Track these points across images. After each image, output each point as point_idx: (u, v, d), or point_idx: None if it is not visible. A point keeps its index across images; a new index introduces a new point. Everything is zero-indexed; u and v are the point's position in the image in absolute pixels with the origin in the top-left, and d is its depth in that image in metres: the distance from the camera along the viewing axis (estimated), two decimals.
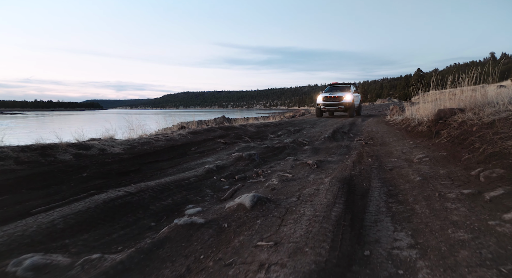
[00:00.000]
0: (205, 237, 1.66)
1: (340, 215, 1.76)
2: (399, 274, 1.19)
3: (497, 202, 1.76)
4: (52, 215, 2.00)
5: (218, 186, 3.09)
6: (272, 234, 1.59)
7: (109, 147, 4.74)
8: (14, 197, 2.65)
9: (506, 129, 2.93)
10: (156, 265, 1.41)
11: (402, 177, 2.75)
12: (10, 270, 1.29)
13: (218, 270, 1.28)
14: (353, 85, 15.55)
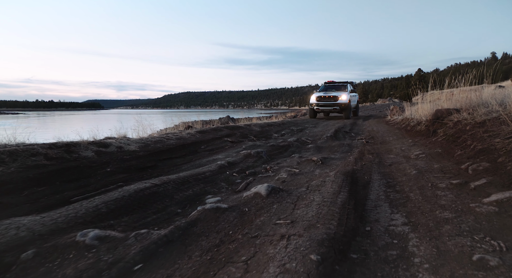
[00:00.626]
0: (230, 218, 1.97)
1: (345, 201, 2.06)
2: (394, 243, 1.49)
3: (480, 189, 2.05)
4: (94, 202, 2.30)
5: (231, 179, 3.37)
6: (288, 215, 1.89)
7: (126, 145, 5.05)
8: (51, 188, 2.95)
9: (495, 128, 3.22)
10: (193, 238, 1.71)
11: (400, 171, 3.05)
12: (79, 240, 1.59)
13: (247, 241, 1.58)
14: (350, 84, 14.13)
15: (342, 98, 12.01)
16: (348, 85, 13.62)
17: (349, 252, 1.39)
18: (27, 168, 3.39)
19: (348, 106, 11.99)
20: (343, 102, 11.96)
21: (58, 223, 1.89)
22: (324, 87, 13.97)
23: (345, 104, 11.95)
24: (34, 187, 2.94)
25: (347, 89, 13.13)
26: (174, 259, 1.49)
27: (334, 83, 14.20)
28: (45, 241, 1.67)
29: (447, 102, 6.35)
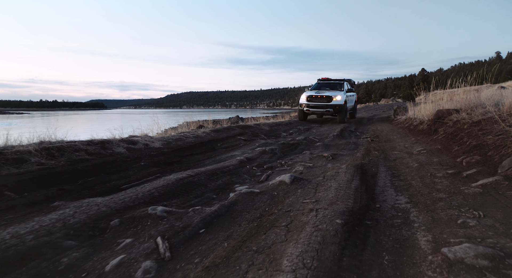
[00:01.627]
0: (264, 199, 2.41)
1: (357, 186, 2.50)
2: (399, 215, 1.93)
3: (470, 177, 2.49)
4: (146, 187, 2.76)
5: (252, 172, 3.81)
6: (312, 197, 2.33)
7: (150, 142, 5.52)
8: (99, 178, 3.41)
9: (488, 127, 3.64)
10: (237, 213, 2.15)
11: (403, 164, 3.48)
12: (151, 212, 2.05)
13: (283, 214, 2.02)
14: (347, 82, 12.48)
15: (337, 99, 10.40)
16: (345, 84, 11.94)
17: (364, 220, 1.83)
18: (74, 162, 3.86)
19: (343, 109, 10.41)
20: (337, 104, 10.34)
21: (126, 202, 2.35)
22: (317, 85, 12.20)
23: (340, 106, 10.34)
24: (85, 177, 3.40)
25: (343, 88, 11.46)
26: (227, 226, 1.93)
27: (329, 81, 12.42)
28: (123, 214, 2.12)
29: (448, 103, 6.75)
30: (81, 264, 1.57)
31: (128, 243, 1.73)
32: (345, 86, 11.80)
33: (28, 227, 1.86)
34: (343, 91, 11.09)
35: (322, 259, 1.32)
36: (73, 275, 1.48)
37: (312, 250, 1.40)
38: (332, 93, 10.69)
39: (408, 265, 1.32)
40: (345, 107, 10.64)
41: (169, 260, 1.54)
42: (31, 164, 3.54)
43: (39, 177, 3.20)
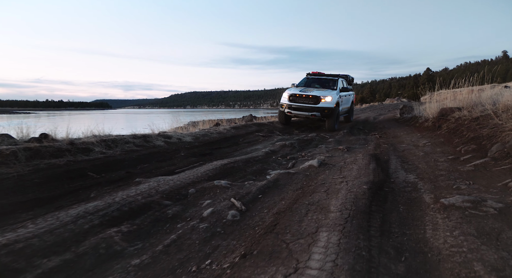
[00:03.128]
0: (300, 177, 3.05)
1: (374, 168, 3.12)
2: (409, 185, 2.56)
3: (466, 160, 3.10)
4: (200, 170, 3.41)
5: (278, 161, 4.44)
6: (339, 174, 2.96)
7: (182, 137, 6.19)
8: (152, 165, 4.06)
9: (485, 122, 4.24)
10: (282, 186, 2.79)
11: (410, 153, 4.09)
12: (217, 184, 2.70)
13: (319, 185, 2.65)
14: (343, 79, 10.18)
15: (326, 100, 8.20)
16: (340, 81, 9.64)
17: (383, 188, 2.46)
18: (127, 152, 4.54)
19: (333, 113, 8.21)
20: (326, 107, 8.14)
21: (192, 179, 3.01)
22: (306, 81, 9.97)
23: (329, 110, 8.13)
24: (141, 163, 4.06)
25: (336, 86, 9.24)
26: (278, 193, 2.57)
27: (321, 77, 10.12)
28: (195, 186, 2.78)
29: (452, 102, 7.32)
30: (182, 214, 2.22)
31: (209, 203, 2.38)
32: (340, 84, 9.50)
33: (132, 192, 2.52)
34: (336, 91, 8.86)
35: (357, 205, 1.95)
36: (180, 219, 2.13)
37: (349, 202, 2.04)
38: (321, 93, 8.43)
39: (417, 210, 1.95)
40: (337, 111, 8.41)
41: (245, 211, 2.18)
42: (96, 153, 4.23)
43: (106, 163, 3.87)
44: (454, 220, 1.69)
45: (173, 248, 1.73)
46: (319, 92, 8.56)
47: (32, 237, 1.71)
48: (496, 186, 2.21)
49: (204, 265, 1.51)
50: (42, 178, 3.09)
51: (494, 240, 1.42)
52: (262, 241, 1.61)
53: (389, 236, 1.61)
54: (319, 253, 1.37)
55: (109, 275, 1.49)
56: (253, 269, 1.31)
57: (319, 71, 10.53)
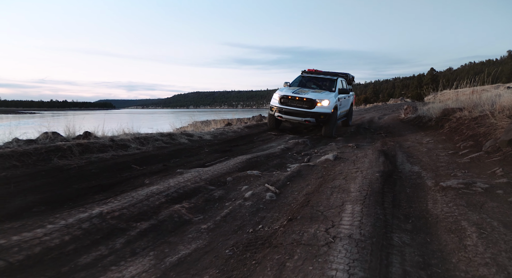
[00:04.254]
0: (319, 168, 3.54)
1: (384, 161, 3.61)
2: (414, 174, 3.04)
3: (464, 154, 3.58)
4: (229, 163, 3.92)
5: (294, 156, 4.92)
6: (353, 166, 3.45)
7: (202, 135, 6.70)
8: (182, 159, 4.56)
9: (483, 121, 4.70)
10: (305, 175, 3.28)
11: (415, 149, 4.57)
12: (250, 173, 3.20)
13: (337, 174, 3.14)
14: (342, 79, 9.06)
15: (323, 104, 7.18)
16: (339, 81, 8.57)
17: (392, 176, 2.96)
18: (158, 148, 5.06)
19: (330, 119, 7.23)
20: (322, 112, 7.14)
21: (225, 170, 3.51)
22: (300, 80, 8.86)
23: (326, 116, 7.17)
24: (172, 158, 4.57)
25: (335, 87, 8.18)
26: (303, 181, 3.07)
27: (318, 75, 9.02)
28: (230, 175, 3.28)
29: (454, 103, 7.77)
30: (227, 196, 2.73)
31: (247, 187, 2.88)
32: (339, 84, 8.42)
33: (181, 179, 3.03)
34: (334, 93, 7.80)
35: (372, 188, 2.45)
36: (226, 199, 2.64)
37: (365, 185, 2.53)
38: (317, 95, 7.36)
39: (420, 191, 2.44)
40: (334, 116, 7.40)
41: (279, 193, 2.68)
42: (133, 149, 4.75)
43: (144, 157, 4.39)
44: (449, 197, 2.17)
45: (229, 218, 2.23)
46: (315, 94, 7.39)
47: (121, 208, 2.23)
48: (486, 173, 2.70)
49: (258, 228, 2.01)
50: (97, 169, 3.62)
51: (478, 208, 1.91)
52: (301, 211, 2.10)
53: (399, 207, 2.10)
54: (347, 217, 1.87)
55: (187, 234, 1.99)
56: (301, 227, 1.80)
57: (315, 69, 9.24)
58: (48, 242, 1.68)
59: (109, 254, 1.70)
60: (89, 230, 1.88)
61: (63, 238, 1.75)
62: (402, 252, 1.49)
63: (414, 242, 1.60)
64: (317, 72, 9.30)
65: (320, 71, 9.33)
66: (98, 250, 1.73)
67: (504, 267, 1.26)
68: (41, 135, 4.47)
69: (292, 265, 1.35)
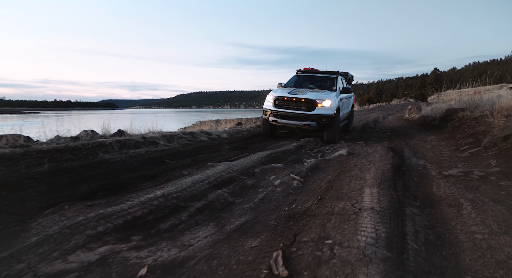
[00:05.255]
0: (334, 162, 3.99)
1: (393, 156, 4.05)
2: (420, 166, 3.49)
3: (464, 150, 4.02)
4: (252, 158, 4.37)
5: (308, 153, 5.37)
6: (365, 160, 3.90)
7: (220, 134, 7.18)
8: (207, 155, 5.02)
9: (482, 121, 5.13)
10: (323, 168, 3.73)
11: (420, 146, 5.01)
12: (275, 166, 3.66)
13: (352, 166, 3.59)
14: (342, 77, 8.34)
15: (324, 105, 6.42)
16: (339, 80, 7.82)
17: (401, 168, 3.41)
18: (183, 145, 5.54)
19: (333, 121, 6.45)
20: (324, 114, 6.36)
21: (251, 163, 3.97)
22: (296, 80, 8.11)
23: (328, 118, 6.37)
24: (198, 154, 5.03)
25: (335, 86, 7.44)
26: (322, 172, 3.52)
27: (315, 74, 8.24)
28: (257, 167, 3.74)
29: (457, 103, 8.17)
30: (258, 184, 3.18)
31: (274, 177, 3.34)
32: (339, 83, 7.67)
33: (216, 170, 3.50)
34: (336, 92, 7.04)
35: (385, 176, 2.90)
36: (258, 187, 3.09)
37: (379, 174, 2.98)
38: (317, 95, 6.61)
39: (426, 179, 2.89)
40: (337, 118, 6.65)
41: (304, 181, 3.14)
42: (161, 145, 5.23)
43: (173, 153, 4.87)
44: (450, 182, 2.62)
45: (266, 200, 2.68)
46: (314, 94, 6.59)
47: (176, 192, 2.69)
48: (482, 164, 3.14)
49: (292, 207, 2.46)
50: (137, 162, 4.10)
51: (474, 190, 2.35)
52: (327, 193, 2.56)
53: (408, 190, 2.56)
54: (367, 197, 2.32)
55: (235, 211, 2.45)
56: (330, 203, 2.26)
57: (312, 68, 8.47)
58: (134, 213, 2.14)
59: (179, 223, 2.16)
60: (159, 206, 2.35)
61: (143, 211, 2.21)
62: (413, 218, 1.94)
63: (422, 213, 2.05)
64: (314, 71, 8.40)
65: (317, 70, 8.47)
66: (170, 220, 2.19)
67: (489, 225, 1.71)
68: (82, 132, 4.97)
69: (331, 225, 1.80)
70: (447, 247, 1.56)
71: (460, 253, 1.49)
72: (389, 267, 1.30)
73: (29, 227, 1.87)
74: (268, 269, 1.41)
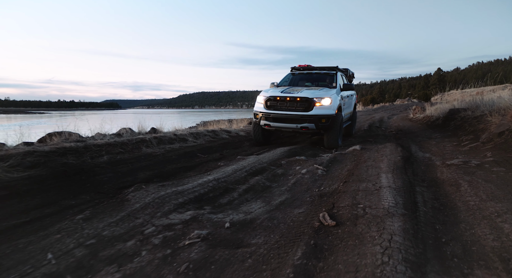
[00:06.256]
0: (350, 156, 4.55)
1: (401, 150, 4.61)
2: (426, 158, 4.04)
3: (465, 145, 4.57)
4: (276, 152, 4.94)
5: (322, 149, 5.89)
6: (378, 153, 4.46)
7: (238, 132, 7.75)
8: (231, 150, 5.59)
9: (482, 119, 5.66)
10: (340, 160, 4.29)
11: (425, 143, 5.55)
12: (299, 158, 4.23)
13: (367, 158, 4.15)
14: (342, 74, 7.63)
15: (323, 104, 5.68)
16: (339, 76, 7.07)
17: (410, 159, 3.97)
18: (209, 142, 6.12)
19: (334, 123, 5.71)
20: (324, 115, 5.61)
21: (276, 156, 4.54)
22: (291, 79, 7.35)
23: (329, 119, 5.62)
24: (224, 149, 5.60)
25: (335, 82, 6.68)
26: (340, 163, 4.07)
27: (312, 71, 7.44)
28: (283, 159, 4.30)
29: (459, 104, 8.68)
30: (287, 172, 3.74)
31: (300, 167, 3.90)
32: (339, 79, 6.95)
33: (249, 162, 4.06)
34: (336, 89, 6.29)
35: (397, 165, 3.46)
36: (287, 175, 3.65)
37: (391, 164, 3.54)
38: (314, 93, 5.85)
39: (431, 167, 3.45)
40: (339, 119, 5.90)
41: (327, 170, 3.70)
42: (190, 142, 5.82)
43: (203, 148, 5.44)
44: (452, 169, 3.18)
45: (297, 185, 3.24)
46: (311, 92, 5.84)
47: (223, 177, 3.27)
48: (479, 156, 3.70)
49: (321, 189, 3.02)
50: (175, 156, 4.68)
51: (470, 174, 2.91)
52: (349, 178, 3.12)
53: (417, 176, 3.13)
54: (384, 179, 2.88)
55: (274, 192, 3.01)
56: (354, 184, 2.82)
57: (308, 65, 7.70)
58: (198, 191, 2.72)
59: (234, 199, 2.73)
60: (214, 187, 2.92)
61: (204, 190, 2.78)
62: (422, 193, 2.50)
63: (429, 190, 2.61)
64: (310, 67, 7.58)
65: (314, 67, 7.60)
66: (225, 197, 2.76)
67: (480, 196, 2.27)
68: (122, 129, 5.57)
69: (360, 197, 2.37)
70: (448, 210, 2.12)
71: (457, 213, 2.06)
72: (407, 219, 1.87)
73: (127, 198, 2.46)
74: (319, 222, 1.97)
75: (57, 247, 1.70)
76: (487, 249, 1.53)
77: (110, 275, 1.47)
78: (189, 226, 1.97)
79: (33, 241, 1.77)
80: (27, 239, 1.81)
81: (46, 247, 1.69)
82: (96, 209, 2.29)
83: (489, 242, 1.59)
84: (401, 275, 1.25)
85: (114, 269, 1.52)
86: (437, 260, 1.46)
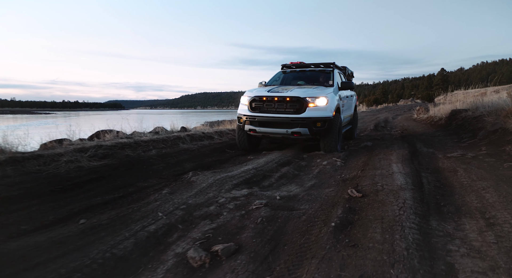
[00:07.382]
0: (363, 150, 5.20)
1: (408, 146, 5.27)
2: (429, 153, 4.71)
3: (464, 141, 5.21)
4: (296, 148, 5.56)
5: None
6: (387, 148, 5.11)
7: None
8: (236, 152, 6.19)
9: (480, 119, 6.29)
10: (355, 155, 4.95)
11: (429, 140, 6.20)
12: (318, 153, 4.86)
13: (378, 152, 4.81)
14: (340, 71, 6.85)
15: (318, 104, 4.96)
16: (336, 73, 6.28)
17: (415, 153, 4.64)
18: (231, 139, 6.81)
19: (332, 127, 4.97)
20: (318, 117, 4.89)
21: (297, 151, 5.16)
22: (282, 78, 6.63)
23: (325, 122, 4.90)
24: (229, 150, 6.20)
25: (332, 80, 5.96)
26: (355, 157, 4.73)
27: (306, 69, 6.71)
28: (305, 154, 4.93)
29: (461, 105, 9.28)
30: (310, 164, 4.39)
31: (320, 160, 4.54)
32: (337, 77, 6.21)
33: (275, 155, 4.71)
34: (333, 88, 5.61)
35: (405, 157, 4.12)
36: (311, 166, 4.30)
37: (400, 156, 4.20)
38: (307, 92, 5.10)
39: (434, 159, 4.11)
40: (337, 122, 5.17)
41: (345, 162, 4.35)
42: (216, 139, 6.48)
43: (228, 144, 6.13)
44: (451, 160, 3.84)
45: (321, 173, 3.88)
46: (303, 90, 5.12)
47: (259, 167, 3.92)
48: (475, 150, 4.36)
49: (342, 176, 3.66)
50: (207, 151, 5.35)
51: (466, 164, 3.57)
52: (366, 167, 3.76)
53: (422, 165, 3.80)
54: (395, 167, 3.55)
55: (303, 179, 3.66)
56: (371, 171, 3.48)
57: (301, 62, 6.88)
58: (244, 176, 3.40)
59: (273, 183, 3.39)
60: (255, 174, 3.58)
61: (248, 175, 3.45)
62: (426, 177, 3.18)
63: (432, 175, 3.28)
64: (303, 65, 6.76)
65: (308, 64, 6.77)
66: (266, 181, 3.42)
67: (472, 178, 2.94)
68: (157, 128, 6.25)
69: (377, 179, 3.04)
70: (446, 187, 2.81)
71: (453, 189, 2.74)
72: (415, 191, 2.57)
73: (191, 180, 3.13)
74: (348, 195, 2.63)
75: (161, 209, 2.36)
76: (471, 208, 2.20)
77: (208, 225, 2.12)
78: (249, 198, 2.63)
79: (142, 206, 2.43)
80: (136, 205, 2.47)
81: (154, 209, 2.35)
82: (171, 188, 2.96)
83: (474, 204, 2.25)
84: (412, 220, 1.91)
85: (208, 222, 2.18)
86: (437, 214, 2.13)
